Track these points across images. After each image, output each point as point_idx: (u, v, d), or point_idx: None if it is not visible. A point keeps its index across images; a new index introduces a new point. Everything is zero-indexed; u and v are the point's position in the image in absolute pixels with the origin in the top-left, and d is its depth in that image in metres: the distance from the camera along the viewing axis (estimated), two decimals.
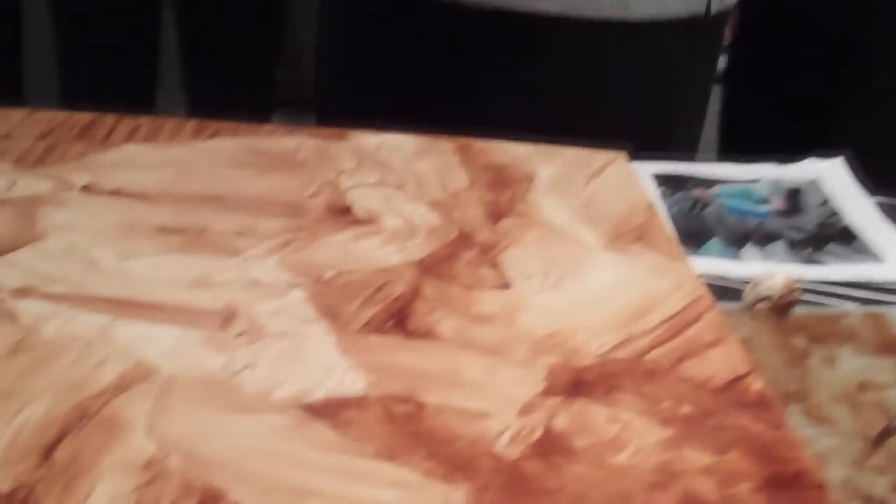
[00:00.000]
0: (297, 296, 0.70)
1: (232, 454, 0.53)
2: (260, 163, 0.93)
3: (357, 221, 0.83)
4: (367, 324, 0.67)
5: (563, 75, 1.24)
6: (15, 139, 0.95)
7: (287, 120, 1.82)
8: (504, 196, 0.90)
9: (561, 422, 0.59)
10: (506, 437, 0.57)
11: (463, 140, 1.02)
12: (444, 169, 0.95)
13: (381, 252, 0.78)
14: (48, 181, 0.86)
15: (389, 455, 0.54)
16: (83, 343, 0.63)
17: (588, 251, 0.81)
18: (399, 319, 0.68)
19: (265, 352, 0.63)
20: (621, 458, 0.56)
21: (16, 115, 1.00)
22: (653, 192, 1.08)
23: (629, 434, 0.58)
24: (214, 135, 0.99)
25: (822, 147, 1.19)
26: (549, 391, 0.62)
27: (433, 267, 0.76)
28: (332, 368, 0.62)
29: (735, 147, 1.60)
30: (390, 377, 0.61)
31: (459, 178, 0.93)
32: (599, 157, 1.01)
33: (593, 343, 0.67)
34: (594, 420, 0.59)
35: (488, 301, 0.72)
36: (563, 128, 1.03)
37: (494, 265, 0.77)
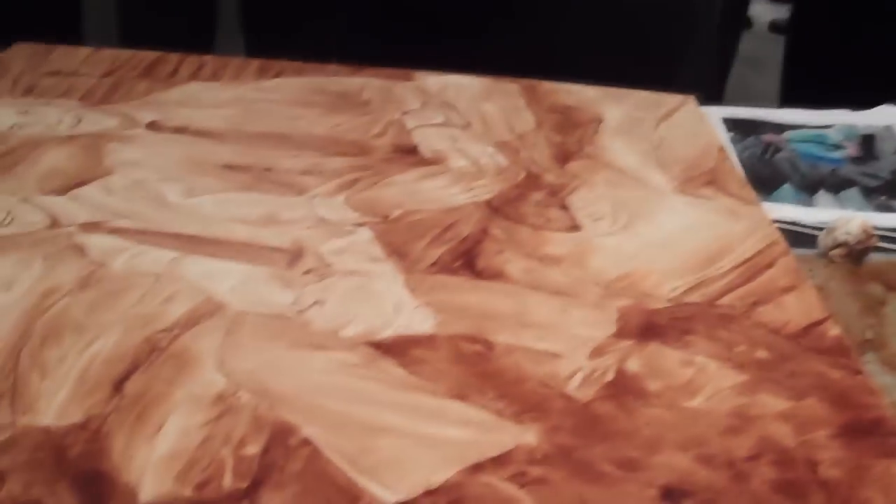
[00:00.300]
0: (364, 235, 0.69)
1: (302, 390, 0.53)
2: (324, 102, 0.92)
3: (423, 161, 0.82)
4: (434, 263, 0.66)
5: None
6: (81, 77, 0.94)
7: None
8: (572, 138, 0.88)
9: (633, 364, 0.58)
10: (577, 379, 0.56)
11: (528, 81, 1.01)
12: (510, 110, 0.94)
13: (447, 192, 0.76)
14: (114, 118, 0.86)
15: (459, 394, 0.54)
16: (151, 278, 0.62)
17: (658, 194, 0.79)
18: (467, 259, 0.67)
19: (333, 289, 0.62)
20: (696, 402, 0.55)
21: (81, 53, 1.00)
22: (723, 136, 1.05)
23: (703, 378, 0.57)
24: (278, 74, 0.98)
25: (890, 95, 1.16)
26: (620, 334, 0.60)
27: (501, 208, 0.74)
28: (401, 307, 0.61)
29: (798, 97, 1.56)
30: (459, 317, 0.61)
31: (526, 120, 0.92)
32: (669, 100, 0.99)
33: (665, 286, 0.66)
34: (667, 363, 0.58)
35: (557, 242, 0.70)
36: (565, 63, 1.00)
37: (563, 207, 0.76)
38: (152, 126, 0.84)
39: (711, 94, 1.19)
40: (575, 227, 0.73)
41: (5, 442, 0.48)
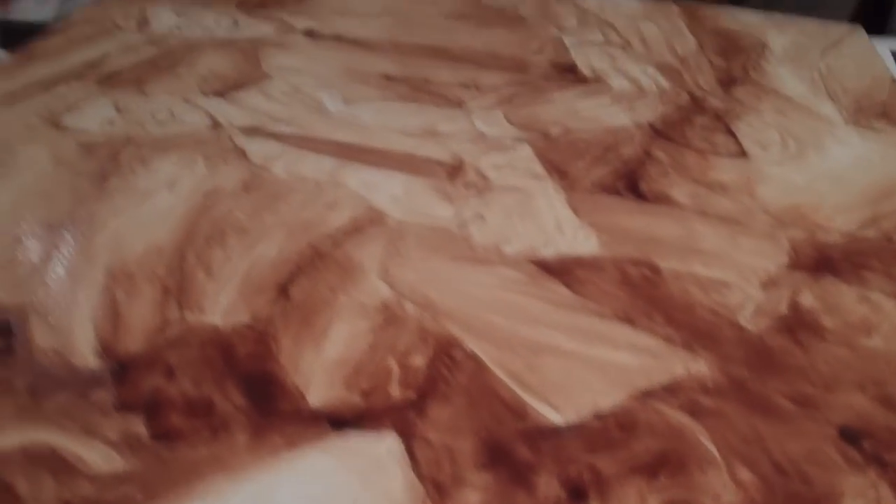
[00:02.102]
0: (524, 151, 0.68)
1: (465, 305, 0.52)
2: (480, 15, 0.90)
3: (582, 80, 0.79)
4: (596, 183, 0.64)
5: None
6: None
7: None
8: (736, 63, 0.85)
9: (807, 298, 0.55)
10: (749, 309, 0.54)
11: (688, 4, 0.97)
12: (671, 32, 0.90)
13: (608, 112, 0.74)
14: (270, 23, 0.85)
15: (626, 318, 0.52)
16: (313, 184, 0.62)
17: (828, 125, 0.75)
18: (630, 181, 0.65)
19: (494, 204, 0.61)
20: (873, 341, 0.52)
21: None
22: (893, 69, 1.00)
23: (880, 316, 0.54)
24: None
25: None
26: (793, 265, 0.58)
27: (664, 130, 0.72)
28: (563, 225, 0.59)
29: None
30: (624, 239, 0.59)
31: (687, 42, 0.88)
32: (835, 29, 0.94)
33: (838, 219, 0.63)
34: (842, 299, 0.55)
35: (724, 169, 0.67)
36: None
37: (729, 132, 0.72)
38: (309, 33, 0.83)
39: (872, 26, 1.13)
40: (742, 154, 0.70)
41: (175, 338, 0.48)
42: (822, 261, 0.59)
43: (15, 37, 0.82)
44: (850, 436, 0.46)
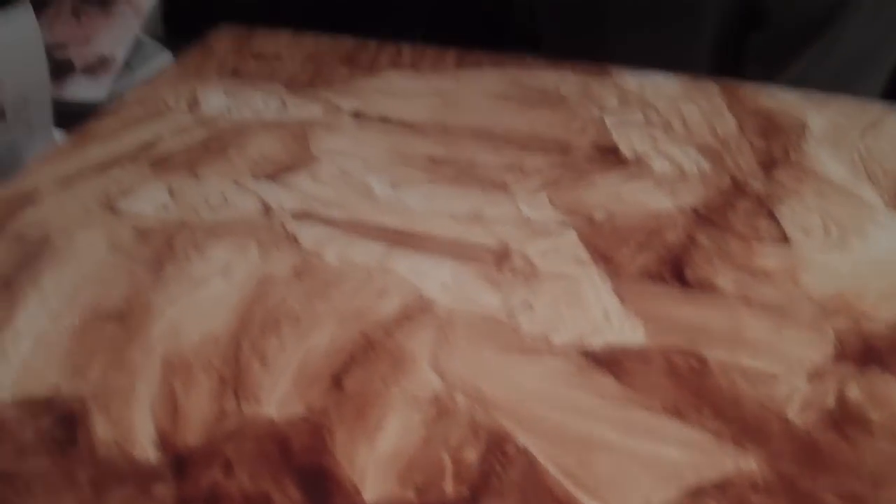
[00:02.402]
0: (569, 236, 0.69)
1: (516, 397, 0.53)
2: (523, 96, 0.91)
3: (625, 162, 0.80)
4: (641, 270, 0.65)
5: None
6: (284, 61, 0.96)
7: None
8: (776, 144, 0.86)
9: (853, 391, 0.56)
10: (796, 403, 0.54)
11: (728, 82, 0.98)
12: (711, 112, 0.91)
13: (651, 196, 0.75)
14: (318, 105, 0.87)
15: (675, 411, 0.53)
16: (363, 271, 0.63)
17: (870, 209, 0.76)
18: (675, 268, 0.66)
19: (541, 292, 0.62)
20: None
21: (282, 37, 1.02)
22: None
23: None
24: (476, 66, 0.98)
25: None
26: (838, 356, 0.58)
27: (707, 215, 0.73)
28: (610, 314, 0.60)
29: None
30: (671, 328, 0.59)
31: (727, 123, 0.89)
32: (874, 109, 0.95)
33: (883, 309, 0.63)
34: (889, 392, 0.56)
35: (767, 255, 0.68)
36: None
37: (771, 217, 0.73)
38: (356, 115, 0.85)
39: None
40: (784, 240, 0.70)
41: (232, 430, 0.50)
42: (868, 351, 0.59)
43: (68, 116, 0.85)
44: None
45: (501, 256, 0.66)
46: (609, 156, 0.81)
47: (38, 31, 0.78)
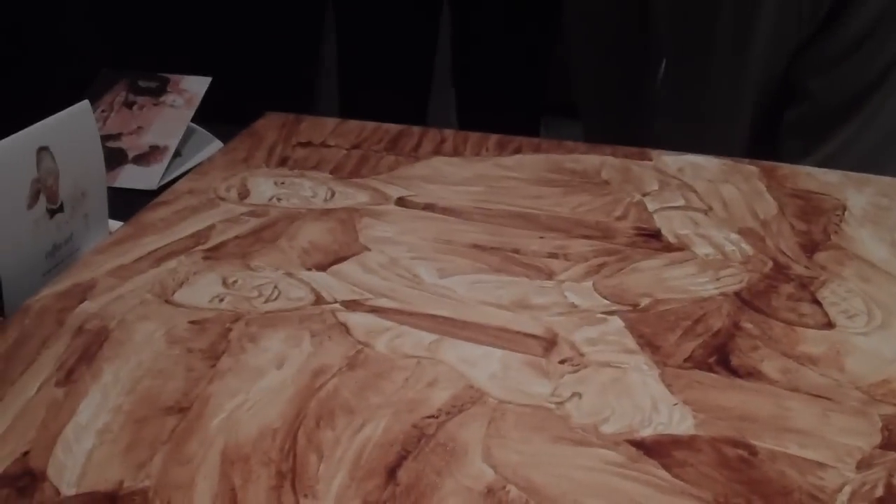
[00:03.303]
0: (615, 324, 0.70)
1: (568, 489, 0.54)
2: (564, 181, 0.93)
3: (667, 247, 0.82)
4: (688, 358, 0.66)
5: None
6: (330, 149, 0.99)
7: (553, 126, 1.82)
8: (817, 226, 0.87)
9: None
10: (846, 493, 0.55)
11: (767, 164, 1.00)
12: (751, 195, 0.93)
13: (695, 281, 0.76)
14: (365, 192, 0.89)
15: (726, 502, 0.53)
16: (414, 361, 0.64)
17: None
18: (721, 355, 0.67)
19: (589, 381, 0.63)
20: None
21: (328, 125, 1.05)
22: None
23: None
24: (517, 151, 1.00)
25: None
26: (886, 445, 0.59)
27: (751, 300, 0.74)
28: (659, 403, 0.61)
29: None
30: (719, 417, 0.60)
31: (767, 206, 0.90)
32: None
33: None
34: None
35: (812, 341, 0.69)
36: None
37: (814, 301, 0.74)
38: (401, 202, 0.87)
39: None
40: (828, 325, 0.71)
41: None
42: None
43: (121, 205, 0.87)
44: None
45: (549, 345, 0.67)
46: (651, 241, 0.82)
47: (96, 126, 0.81)
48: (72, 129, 0.78)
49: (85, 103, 0.80)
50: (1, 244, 0.71)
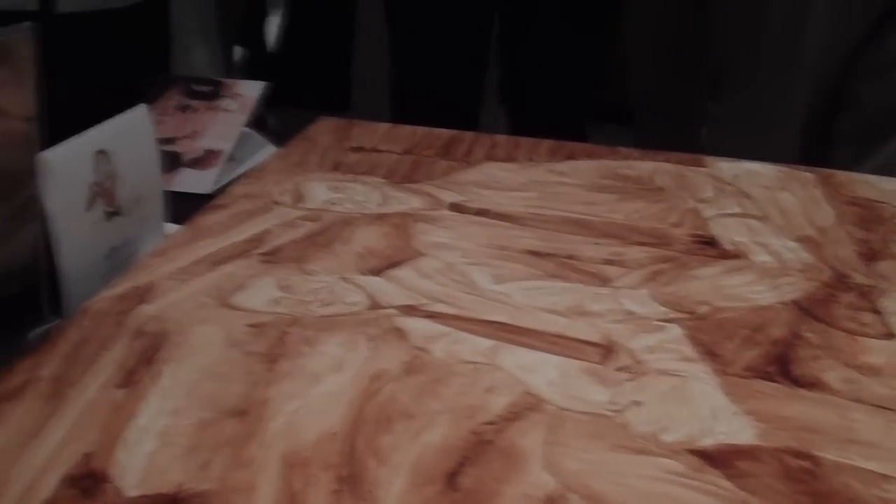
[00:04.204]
0: (674, 331, 0.69)
1: (629, 498, 0.53)
2: (619, 187, 0.92)
3: (724, 254, 0.81)
4: (748, 367, 0.65)
5: None
6: (382, 153, 0.99)
7: (598, 131, 1.81)
8: (876, 235, 0.86)
9: None
10: None
11: (823, 171, 0.99)
12: (808, 202, 0.92)
13: (753, 289, 0.75)
14: (418, 197, 0.89)
15: None
16: (471, 367, 0.64)
17: None
18: (781, 365, 0.66)
19: (649, 390, 0.62)
20: None
21: (380, 130, 1.05)
22: None
23: None
24: (570, 156, 0.99)
25: None
26: None
27: (810, 309, 0.73)
28: (719, 413, 0.61)
29: None
30: (781, 427, 0.59)
31: (825, 214, 0.90)
32: None
33: None
34: None
35: (874, 351, 0.68)
36: None
37: (875, 311, 0.73)
38: (455, 207, 0.87)
39: None
40: (890, 335, 0.70)
41: None
42: None
43: (176, 209, 0.88)
44: None
45: (607, 352, 0.66)
46: (708, 248, 0.82)
47: (153, 131, 0.81)
48: (129, 133, 0.79)
49: (142, 107, 0.81)
50: (61, 246, 0.71)
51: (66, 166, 0.72)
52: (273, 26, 2.09)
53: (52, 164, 0.71)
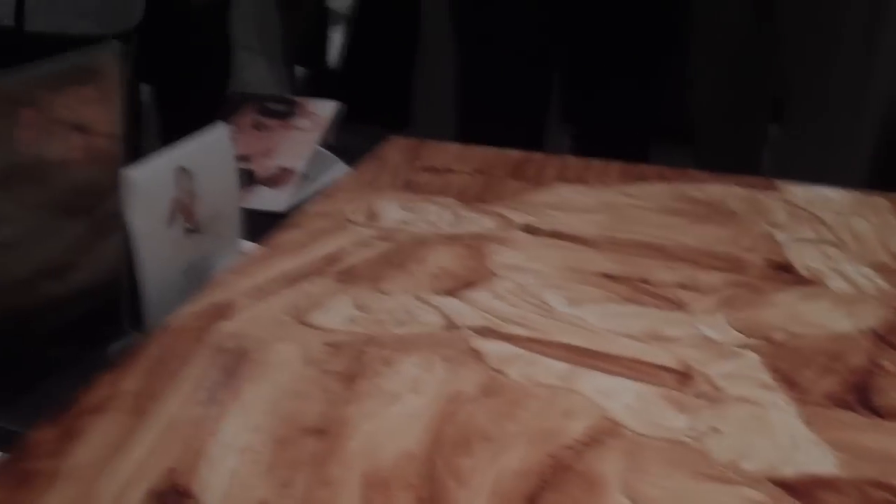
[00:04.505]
0: (751, 358, 0.69)
1: None
2: (690, 210, 0.92)
3: (799, 280, 0.80)
4: (827, 395, 0.65)
5: None
6: (454, 174, 0.99)
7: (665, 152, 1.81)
8: None
9: None
10: None
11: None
12: (882, 228, 0.91)
13: (830, 317, 0.75)
14: (490, 218, 0.89)
15: None
16: (548, 390, 0.64)
17: None
18: (861, 394, 0.65)
19: (727, 417, 0.62)
20: None
21: (451, 150, 1.06)
22: None
23: None
24: (641, 179, 0.99)
25: None
26: None
27: (888, 338, 0.72)
28: (799, 442, 0.60)
29: None
30: (861, 458, 0.59)
31: None
32: None
33: None
34: None
35: None
36: None
37: None
38: (528, 228, 0.87)
39: None
40: None
41: None
42: None
43: (250, 226, 0.89)
44: None
45: (684, 378, 0.66)
46: (783, 273, 0.81)
47: (232, 149, 0.83)
48: (209, 151, 0.80)
49: (222, 126, 0.82)
50: (143, 262, 0.73)
51: (149, 183, 0.73)
52: (335, 43, 2.11)
53: (136, 181, 0.72)
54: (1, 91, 0.64)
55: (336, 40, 2.19)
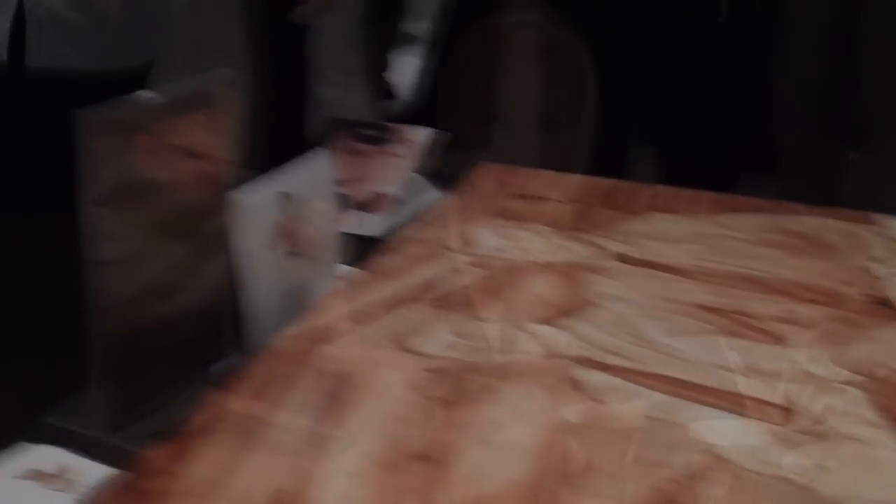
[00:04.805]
0: (854, 394, 0.68)
1: None
2: (786, 243, 0.92)
3: None
4: None
5: None
6: (546, 201, 1.00)
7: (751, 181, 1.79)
8: None
9: None
10: None
11: None
12: None
13: None
14: (585, 247, 0.90)
15: None
16: (650, 422, 0.64)
17: None
18: None
19: (833, 454, 0.62)
20: None
21: (542, 177, 1.06)
22: None
23: None
24: (733, 209, 0.99)
25: None
26: None
27: None
28: None
29: None
30: None
31: None
32: None
33: None
34: None
35: None
36: None
37: None
38: (622, 258, 0.87)
39: None
40: None
41: None
42: None
43: (345, 250, 0.90)
44: None
45: (788, 413, 0.66)
46: (883, 308, 0.80)
47: (332, 175, 0.84)
48: (311, 176, 0.82)
49: (323, 152, 0.83)
50: (249, 284, 0.74)
51: (255, 207, 0.75)
52: (413, 70, 2.13)
53: (242, 205, 0.73)
54: (117, 117, 0.66)
55: (414, 65, 2.21)
